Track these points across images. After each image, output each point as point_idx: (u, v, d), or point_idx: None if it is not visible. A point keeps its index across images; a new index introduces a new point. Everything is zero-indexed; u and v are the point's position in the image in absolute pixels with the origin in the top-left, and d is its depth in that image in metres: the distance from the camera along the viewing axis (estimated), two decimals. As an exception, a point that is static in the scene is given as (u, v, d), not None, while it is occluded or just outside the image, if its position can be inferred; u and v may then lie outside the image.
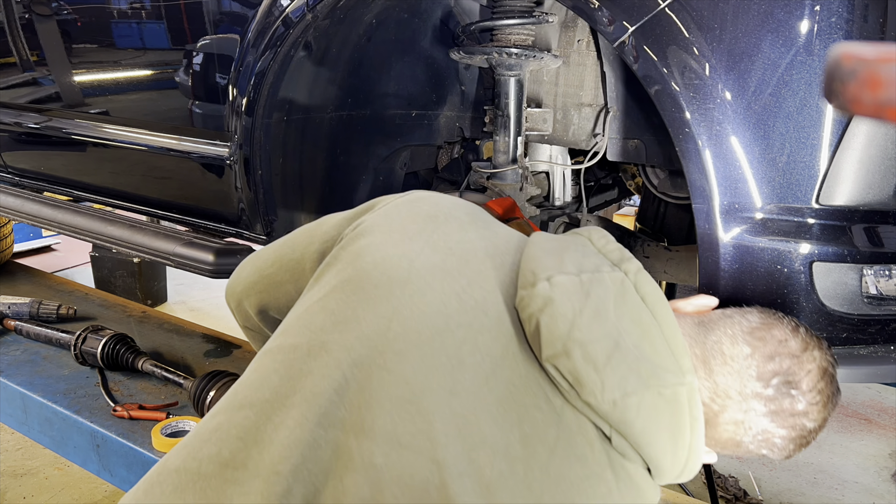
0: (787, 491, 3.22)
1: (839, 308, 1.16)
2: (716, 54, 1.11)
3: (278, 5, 1.53)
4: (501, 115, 1.53)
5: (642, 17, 1.15)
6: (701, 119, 1.12)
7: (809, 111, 1.09)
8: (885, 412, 3.96)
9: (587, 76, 1.56)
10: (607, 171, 2.22)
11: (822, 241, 1.13)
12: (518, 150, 1.56)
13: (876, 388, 4.20)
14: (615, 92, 1.51)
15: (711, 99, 1.12)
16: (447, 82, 1.95)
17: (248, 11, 1.63)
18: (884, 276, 1.17)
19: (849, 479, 3.31)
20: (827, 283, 1.14)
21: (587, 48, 1.53)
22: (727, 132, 1.12)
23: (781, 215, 1.14)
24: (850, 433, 3.73)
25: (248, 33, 1.61)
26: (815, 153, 1.11)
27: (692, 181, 1.15)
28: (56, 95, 2.25)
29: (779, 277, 1.14)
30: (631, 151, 1.54)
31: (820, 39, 1.07)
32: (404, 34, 1.79)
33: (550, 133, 1.63)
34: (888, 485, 3.28)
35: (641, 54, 1.16)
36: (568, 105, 1.60)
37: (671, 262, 1.61)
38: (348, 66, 1.72)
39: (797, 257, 1.13)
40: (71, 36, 2.12)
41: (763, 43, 1.09)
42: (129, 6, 1.96)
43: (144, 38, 1.97)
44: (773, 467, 3.40)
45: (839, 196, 1.12)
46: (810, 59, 1.08)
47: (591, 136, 1.58)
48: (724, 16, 1.10)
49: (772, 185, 1.13)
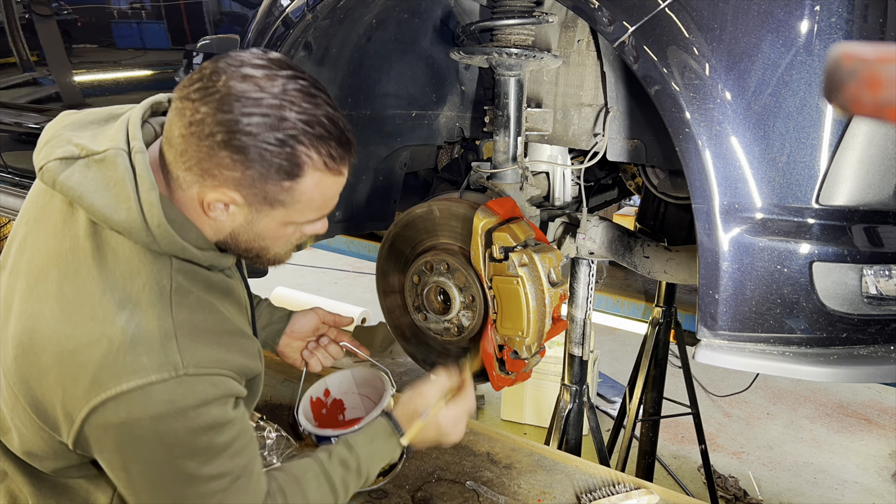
0: (787, 491, 3.22)
1: (839, 308, 1.16)
2: (716, 54, 1.11)
3: (278, 5, 1.53)
4: (501, 115, 1.53)
5: (642, 17, 1.15)
6: (701, 119, 1.12)
7: (809, 111, 1.09)
8: (885, 412, 3.96)
9: (587, 76, 1.56)
10: (607, 171, 2.22)
11: (822, 241, 1.13)
12: (518, 150, 1.56)
13: (876, 388, 4.20)
14: (615, 92, 1.51)
15: (711, 99, 1.12)
16: (447, 82, 1.95)
17: (248, 11, 1.63)
18: (884, 276, 1.17)
19: (849, 479, 3.31)
20: (827, 283, 1.14)
21: (587, 48, 1.53)
22: (727, 132, 1.12)
23: (781, 215, 1.14)
24: (850, 433, 3.73)
25: (248, 33, 1.61)
26: (815, 153, 1.11)
27: (692, 181, 1.15)
28: (56, 95, 2.25)
29: (779, 277, 1.14)
30: (631, 151, 1.54)
31: (820, 39, 1.07)
32: (404, 34, 1.79)
33: (550, 133, 1.63)
34: (888, 485, 3.28)
35: (641, 54, 1.16)
36: (568, 105, 1.60)
37: (671, 262, 1.60)
38: (348, 66, 1.72)
39: (797, 257, 1.13)
40: (71, 36, 2.12)
41: (763, 43, 1.09)
42: (129, 6, 1.96)
43: (144, 38, 1.97)
44: (774, 467, 3.40)
45: (839, 196, 1.12)
46: (810, 59, 1.08)
47: (591, 136, 1.58)
48: (724, 16, 1.10)
49: (772, 185, 1.13)
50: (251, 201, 0.98)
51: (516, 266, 1.37)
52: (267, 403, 2.04)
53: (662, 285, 2.56)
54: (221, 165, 0.93)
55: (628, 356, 3.97)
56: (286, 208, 0.99)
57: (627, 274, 3.22)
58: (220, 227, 1.02)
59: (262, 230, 1.03)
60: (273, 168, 0.94)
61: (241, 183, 0.95)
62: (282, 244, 1.08)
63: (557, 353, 3.32)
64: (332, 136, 0.96)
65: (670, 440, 3.59)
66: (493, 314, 1.45)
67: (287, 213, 1.01)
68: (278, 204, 0.98)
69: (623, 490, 1.58)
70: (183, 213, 1.00)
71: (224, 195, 0.96)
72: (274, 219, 1.01)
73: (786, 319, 1.17)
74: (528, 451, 1.78)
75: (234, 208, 0.99)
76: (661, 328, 2.58)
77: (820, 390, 4.20)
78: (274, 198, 0.97)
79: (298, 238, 1.09)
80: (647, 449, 2.80)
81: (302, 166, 0.95)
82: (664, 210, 2.24)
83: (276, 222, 1.02)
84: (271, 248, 1.08)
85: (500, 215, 1.43)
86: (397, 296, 1.67)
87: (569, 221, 1.70)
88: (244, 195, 0.96)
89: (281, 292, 5.56)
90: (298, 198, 0.98)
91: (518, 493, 1.61)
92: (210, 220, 1.01)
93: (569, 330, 2.06)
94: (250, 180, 0.94)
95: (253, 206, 0.99)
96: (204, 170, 0.94)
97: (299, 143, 0.93)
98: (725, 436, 3.69)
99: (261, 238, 1.05)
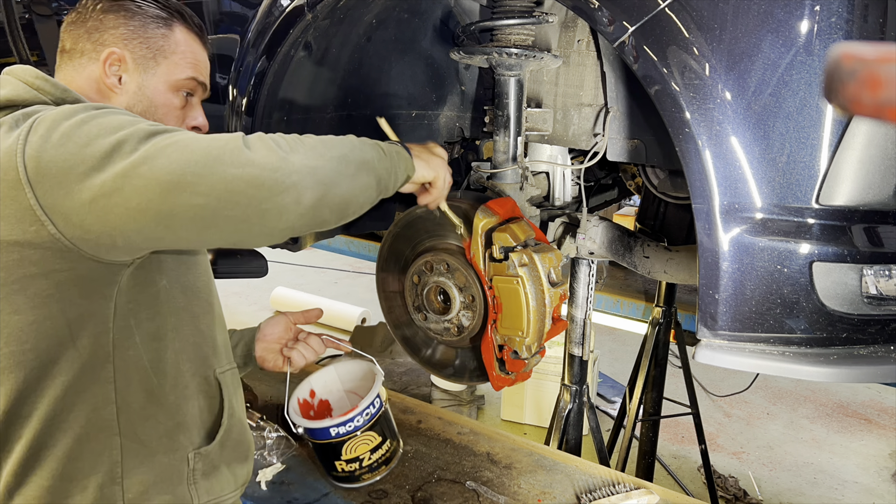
0: (787, 491, 3.22)
1: (839, 308, 1.16)
2: (716, 54, 1.11)
3: (278, 5, 1.53)
4: (501, 115, 1.53)
5: (642, 17, 1.15)
6: (701, 119, 1.12)
7: (809, 111, 1.09)
8: (885, 412, 3.96)
9: (587, 76, 1.56)
10: (607, 171, 2.22)
11: (822, 241, 1.13)
12: (518, 150, 1.56)
13: (876, 388, 4.20)
14: (615, 92, 1.51)
15: (711, 99, 1.12)
16: (447, 82, 1.95)
17: (248, 11, 1.63)
18: (884, 276, 1.17)
19: (849, 479, 3.31)
20: (827, 283, 1.14)
21: (587, 48, 1.53)
22: (727, 132, 1.12)
23: (781, 215, 1.14)
24: (850, 433, 3.73)
25: (248, 33, 1.61)
26: (814, 153, 1.11)
27: (692, 181, 1.15)
28: (56, 95, 2.25)
29: (779, 277, 1.14)
30: (631, 151, 1.54)
31: (820, 39, 1.07)
32: (404, 34, 1.79)
33: (550, 133, 1.63)
34: (888, 485, 3.28)
35: (641, 54, 1.16)
36: (568, 105, 1.60)
37: (671, 262, 1.60)
38: (348, 66, 1.72)
39: (797, 257, 1.13)
40: (71, 36, 2.12)
41: (763, 43, 1.09)
42: (129, 6, 1.96)
43: (144, 38, 1.96)
44: (774, 467, 3.40)
45: (839, 196, 1.12)
46: (810, 59, 1.08)
47: (591, 136, 1.58)
48: (724, 16, 1.10)
49: (772, 185, 1.13)
50: (137, 56, 1.14)
51: (516, 266, 1.37)
52: (267, 404, 2.04)
53: (662, 285, 2.56)
54: (108, 27, 1.12)
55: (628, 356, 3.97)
56: (167, 59, 1.16)
57: (627, 274, 3.23)
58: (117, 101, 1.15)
59: (152, 94, 1.17)
60: (150, 17, 1.15)
61: (127, 36, 1.13)
62: (174, 118, 1.21)
63: (557, 353, 3.33)
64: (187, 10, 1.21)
65: (670, 440, 3.59)
66: (493, 314, 1.45)
67: (168, 68, 1.17)
68: (160, 55, 1.16)
69: (623, 490, 1.58)
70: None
71: (115, 55, 1.12)
72: (160, 78, 1.17)
73: (786, 319, 1.17)
74: (528, 451, 1.78)
75: (125, 77, 1.14)
76: (661, 328, 2.58)
77: (820, 390, 4.20)
78: (156, 46, 1.15)
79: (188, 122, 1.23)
80: (647, 449, 2.80)
81: (173, 18, 1.17)
82: (664, 210, 2.24)
83: (163, 83, 1.17)
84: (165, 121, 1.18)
85: (500, 215, 1.43)
86: (397, 296, 1.67)
87: (569, 221, 1.70)
88: (131, 50, 1.13)
89: (281, 292, 5.56)
90: (174, 48, 1.17)
91: (518, 493, 1.61)
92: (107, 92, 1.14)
93: (569, 330, 2.06)
94: (133, 30, 1.13)
95: (140, 64, 1.15)
96: (94, 40, 1.12)
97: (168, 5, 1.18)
98: (725, 436, 3.69)
99: (154, 107, 1.17)
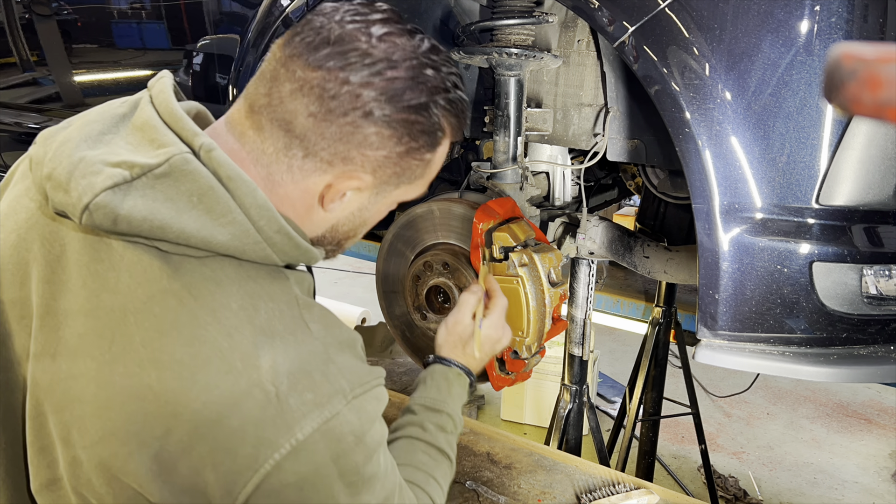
0: (787, 491, 3.22)
1: (839, 308, 1.16)
2: (716, 54, 1.11)
3: (278, 5, 1.54)
4: (501, 115, 1.53)
5: (642, 17, 1.15)
6: (701, 119, 1.12)
7: (809, 111, 1.10)
8: (885, 412, 3.96)
9: (587, 76, 1.56)
10: (607, 171, 2.22)
11: (822, 241, 1.13)
12: (518, 150, 1.56)
13: (876, 388, 4.20)
14: (615, 92, 1.51)
15: (711, 99, 1.12)
16: (447, 82, 1.94)
17: (248, 11, 1.63)
18: (884, 276, 1.17)
19: (849, 479, 3.31)
20: (827, 283, 1.14)
21: (587, 48, 1.54)
22: (727, 132, 1.12)
23: (781, 215, 1.14)
24: (850, 433, 3.73)
25: (249, 33, 1.61)
26: (814, 153, 1.11)
27: (692, 181, 1.15)
28: (56, 95, 2.25)
29: (779, 277, 1.14)
30: (631, 151, 1.54)
31: (820, 39, 1.07)
32: (404, 34, 1.78)
33: (550, 133, 1.64)
34: (888, 485, 3.28)
35: (641, 54, 1.16)
36: (568, 105, 1.60)
37: (671, 262, 1.60)
38: (348, 66, 1.72)
39: (797, 257, 1.13)
40: (71, 36, 2.13)
41: (763, 43, 1.09)
42: (129, 6, 1.96)
43: (144, 38, 1.97)
44: (774, 467, 3.40)
45: (839, 196, 1.12)
46: (810, 59, 1.08)
47: (591, 136, 1.58)
48: (724, 16, 1.11)
49: (772, 185, 1.13)
50: (379, 182, 0.82)
51: (516, 266, 1.37)
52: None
53: (662, 285, 2.56)
54: (365, 145, 0.78)
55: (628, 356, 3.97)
56: (410, 184, 0.86)
57: (627, 274, 3.23)
58: (325, 219, 0.85)
59: (371, 215, 0.89)
60: (421, 142, 0.80)
61: (383, 164, 0.80)
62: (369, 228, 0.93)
63: (557, 353, 3.33)
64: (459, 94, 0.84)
65: (670, 440, 3.59)
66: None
67: (407, 190, 0.87)
68: (405, 182, 0.85)
69: (623, 490, 1.58)
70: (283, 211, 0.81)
71: (359, 180, 0.81)
72: (390, 199, 0.87)
73: (786, 319, 1.17)
74: (527, 450, 1.78)
75: (351, 195, 0.83)
76: (661, 328, 2.58)
77: (820, 390, 4.20)
78: (410, 174, 0.84)
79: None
80: (647, 449, 2.80)
81: (443, 132, 0.83)
82: (664, 210, 2.24)
83: (388, 203, 0.88)
84: (360, 234, 0.92)
85: (500, 215, 1.43)
86: (397, 296, 1.67)
87: (569, 221, 1.70)
88: (378, 176, 0.81)
89: (281, 292, 5.55)
90: (429, 172, 0.86)
91: (518, 492, 1.61)
92: (319, 213, 0.83)
93: (569, 330, 2.06)
94: (393, 159, 0.80)
95: (377, 189, 0.84)
96: (336, 153, 0.78)
97: (438, 107, 0.80)
98: (725, 436, 3.69)
99: (364, 225, 0.90)
